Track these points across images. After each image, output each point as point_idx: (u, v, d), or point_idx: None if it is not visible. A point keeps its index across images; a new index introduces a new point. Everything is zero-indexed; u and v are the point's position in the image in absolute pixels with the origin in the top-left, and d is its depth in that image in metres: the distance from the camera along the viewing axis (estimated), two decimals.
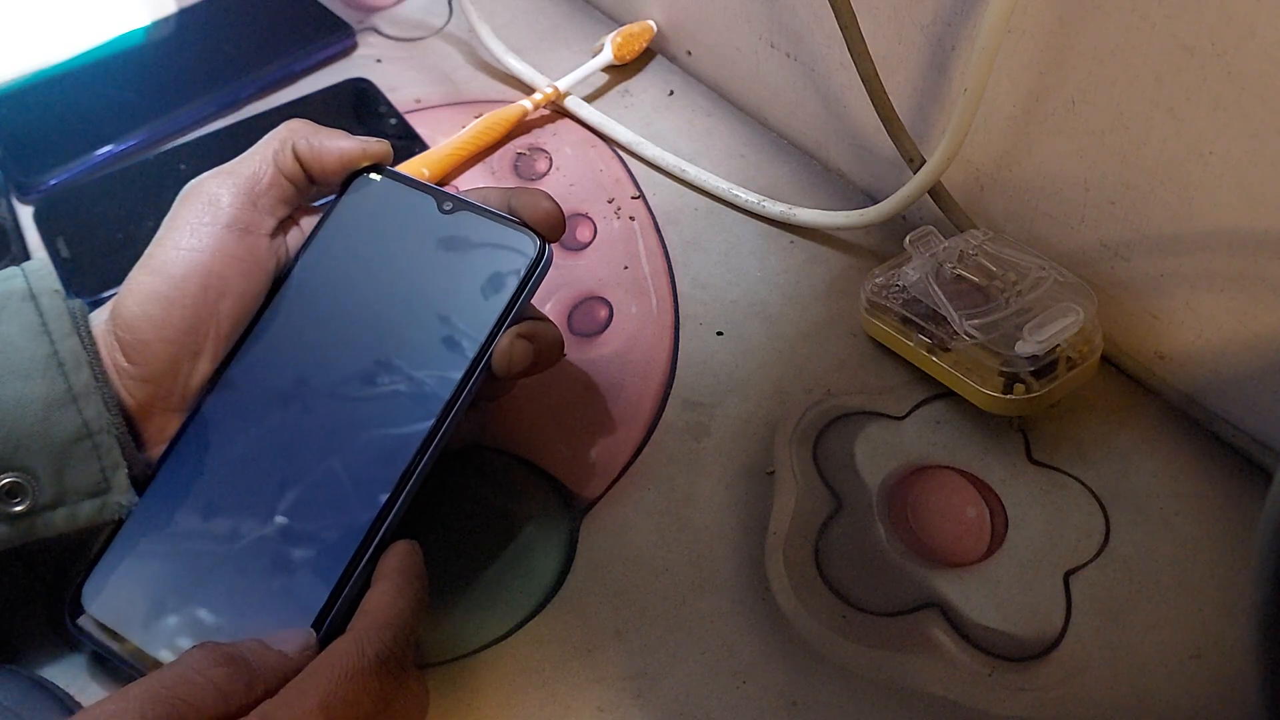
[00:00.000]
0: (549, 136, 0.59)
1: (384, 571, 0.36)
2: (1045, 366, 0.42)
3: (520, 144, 0.58)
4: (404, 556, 0.37)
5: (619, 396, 0.47)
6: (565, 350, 0.44)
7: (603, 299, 0.51)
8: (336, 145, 0.42)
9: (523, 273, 0.39)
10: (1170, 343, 0.44)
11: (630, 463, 0.45)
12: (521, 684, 0.39)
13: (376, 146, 0.42)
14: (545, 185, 0.56)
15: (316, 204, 0.44)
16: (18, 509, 0.36)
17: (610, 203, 0.55)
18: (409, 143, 0.57)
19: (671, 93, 0.61)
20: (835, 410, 0.46)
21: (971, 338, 0.42)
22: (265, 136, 0.42)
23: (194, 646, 0.33)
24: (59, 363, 0.37)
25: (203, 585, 0.37)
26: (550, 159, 0.58)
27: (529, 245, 0.40)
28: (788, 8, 0.52)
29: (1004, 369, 0.42)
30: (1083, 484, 0.43)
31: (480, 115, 0.58)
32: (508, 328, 0.39)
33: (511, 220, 0.40)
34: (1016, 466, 0.44)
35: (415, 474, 0.38)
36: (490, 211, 0.41)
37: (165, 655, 0.36)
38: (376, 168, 0.42)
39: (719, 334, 0.49)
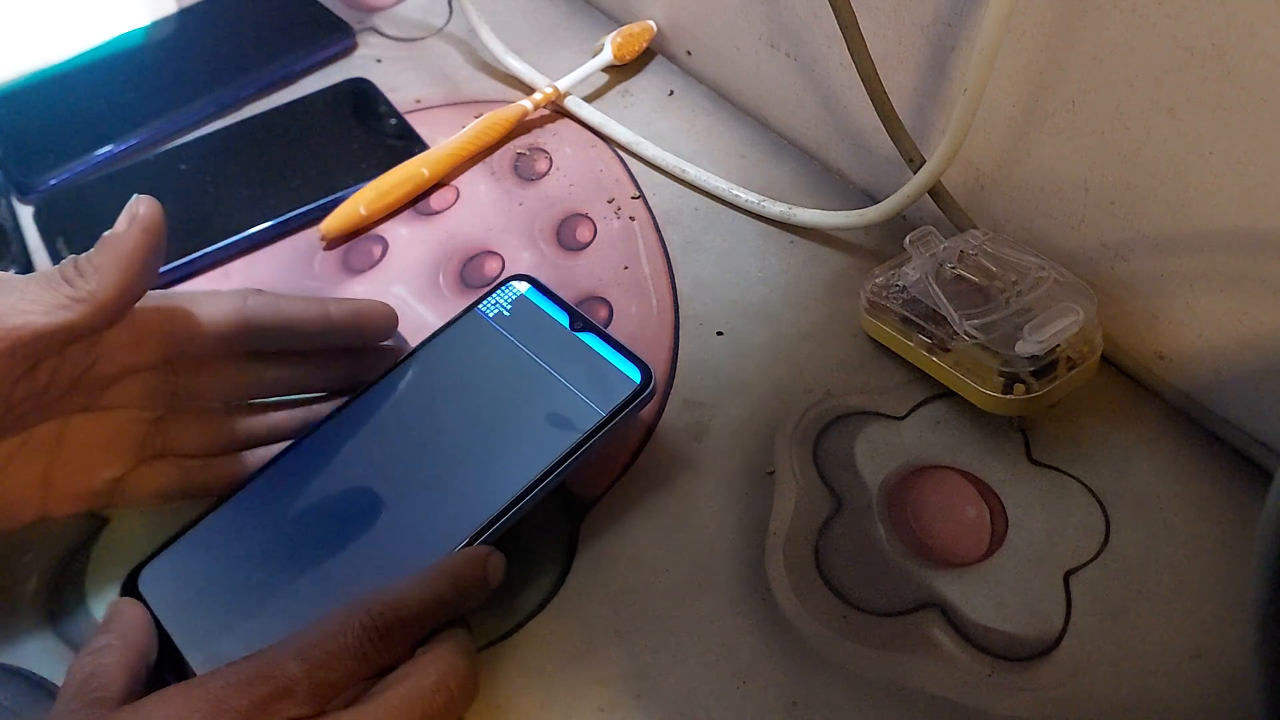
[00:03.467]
0: (549, 136, 0.59)
1: (435, 565, 0.37)
2: (1045, 366, 0.42)
3: (520, 144, 0.58)
4: (461, 560, 0.37)
5: None
6: None
7: (603, 299, 0.51)
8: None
9: (620, 401, 0.41)
10: (1170, 343, 0.44)
11: (630, 463, 0.45)
12: (521, 684, 0.39)
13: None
14: (545, 185, 0.56)
15: None
16: None
17: (610, 203, 0.55)
18: (409, 143, 0.57)
19: (671, 93, 0.61)
20: (835, 410, 0.46)
21: (971, 338, 0.42)
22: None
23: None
24: None
25: (261, 603, 0.38)
26: (550, 159, 0.58)
27: (635, 374, 0.41)
28: (788, 8, 0.52)
29: (1004, 369, 0.42)
30: (1083, 484, 0.43)
31: (480, 115, 0.58)
32: (588, 450, 0.40)
33: (628, 350, 0.42)
34: (1016, 466, 0.44)
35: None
36: (611, 338, 0.43)
37: (203, 661, 0.37)
38: (528, 279, 0.45)
39: (719, 334, 0.49)
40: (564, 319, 0.44)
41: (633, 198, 0.55)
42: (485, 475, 0.40)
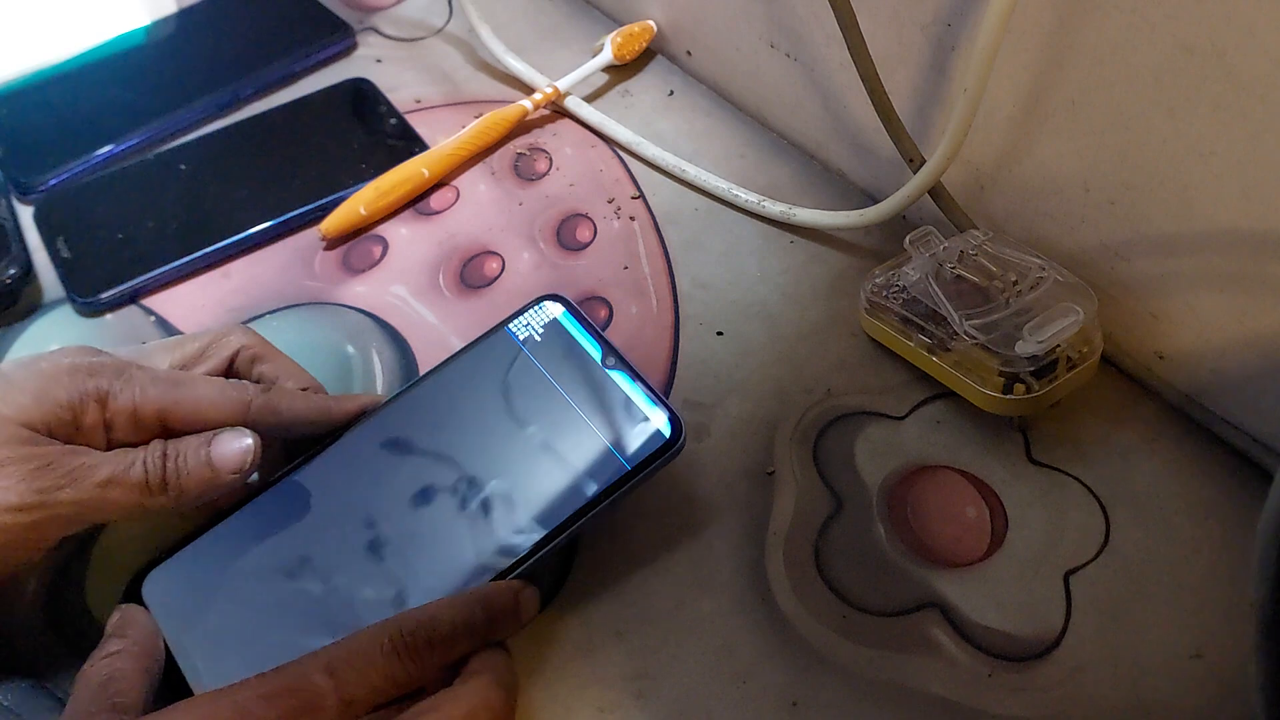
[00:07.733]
0: (549, 136, 0.59)
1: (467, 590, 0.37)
2: (1045, 366, 0.42)
3: (520, 144, 0.58)
4: (493, 589, 0.37)
5: None
6: None
7: (603, 299, 0.51)
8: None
9: (647, 455, 0.39)
10: (1170, 343, 0.44)
11: None
12: (522, 684, 0.39)
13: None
14: (545, 185, 0.56)
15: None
16: None
17: (610, 203, 0.55)
18: (409, 143, 0.57)
19: (671, 93, 0.61)
20: (835, 410, 0.46)
21: (971, 338, 0.42)
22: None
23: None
24: None
25: (264, 622, 0.37)
26: (550, 159, 0.58)
27: (665, 425, 0.40)
28: (788, 8, 0.52)
29: (1004, 369, 0.42)
30: (1083, 484, 0.43)
31: (480, 115, 0.58)
32: (613, 502, 0.39)
33: (661, 397, 0.41)
34: (1016, 466, 0.44)
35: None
36: (645, 380, 0.41)
37: (198, 672, 0.36)
38: (563, 301, 0.43)
39: (719, 334, 0.49)
40: (596, 351, 0.42)
41: (633, 198, 0.55)
42: (498, 517, 0.39)
